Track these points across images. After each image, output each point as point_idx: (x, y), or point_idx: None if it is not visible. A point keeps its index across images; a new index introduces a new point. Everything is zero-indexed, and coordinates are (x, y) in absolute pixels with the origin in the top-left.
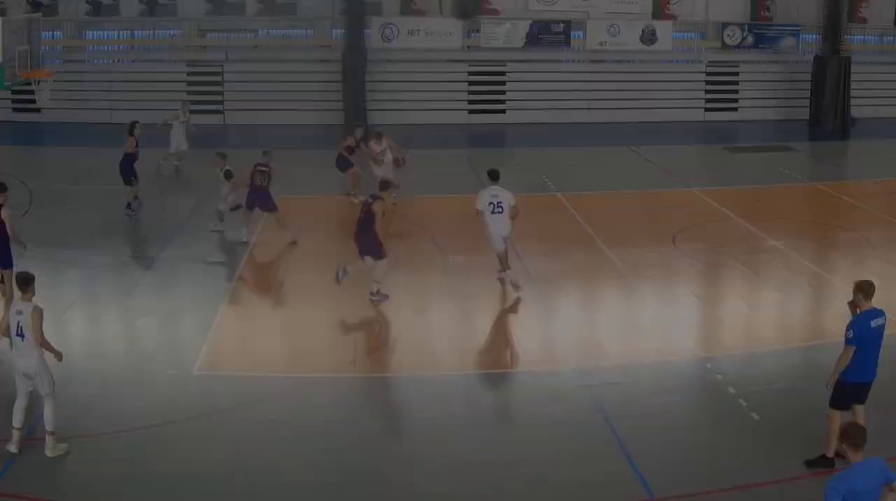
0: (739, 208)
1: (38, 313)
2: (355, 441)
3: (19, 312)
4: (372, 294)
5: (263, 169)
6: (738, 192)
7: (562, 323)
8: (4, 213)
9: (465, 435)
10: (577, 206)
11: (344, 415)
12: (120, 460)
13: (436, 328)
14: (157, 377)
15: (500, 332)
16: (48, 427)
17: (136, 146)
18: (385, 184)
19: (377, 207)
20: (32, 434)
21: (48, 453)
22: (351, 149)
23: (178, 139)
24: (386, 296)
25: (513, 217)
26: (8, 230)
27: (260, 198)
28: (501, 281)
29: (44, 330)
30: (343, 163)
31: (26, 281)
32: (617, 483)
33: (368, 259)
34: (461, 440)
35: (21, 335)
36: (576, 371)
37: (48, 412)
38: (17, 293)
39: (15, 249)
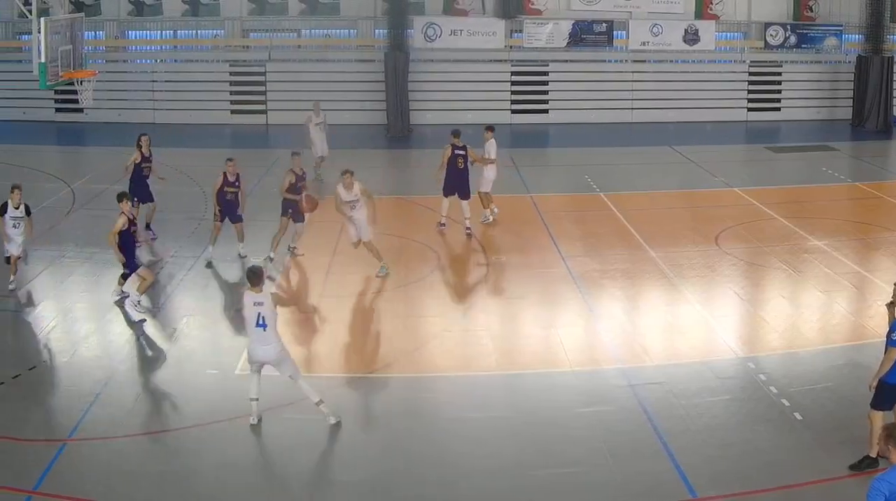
0: (782, 208)
1: (276, 297)
2: (395, 441)
3: (258, 303)
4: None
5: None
6: (781, 192)
7: (605, 322)
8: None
9: (507, 436)
10: (620, 206)
11: (384, 415)
12: (162, 460)
13: (478, 327)
14: (198, 377)
15: (543, 332)
16: (314, 398)
17: (143, 159)
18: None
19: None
20: (74, 435)
21: (331, 420)
22: (294, 187)
23: (318, 143)
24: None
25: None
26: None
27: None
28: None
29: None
30: (291, 209)
31: (258, 276)
32: (659, 482)
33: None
34: (503, 440)
35: (262, 325)
36: (619, 371)
37: (305, 387)
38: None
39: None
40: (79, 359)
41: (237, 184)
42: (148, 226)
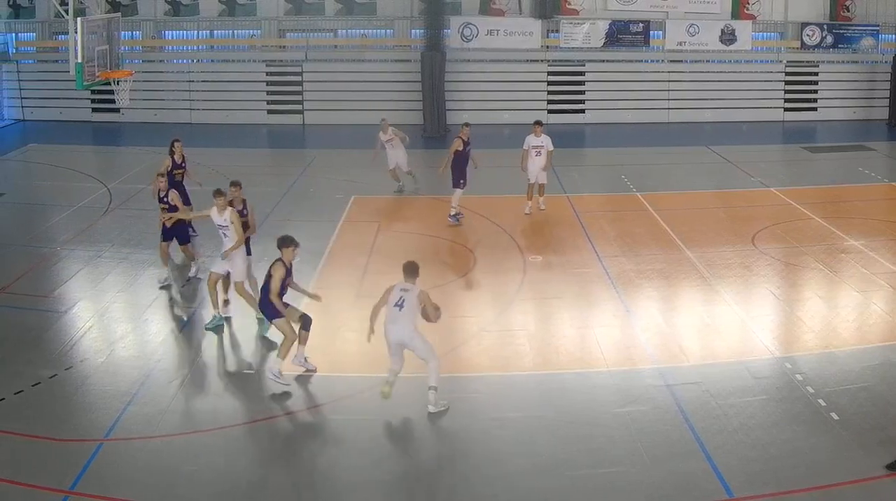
0: (818, 208)
1: (426, 295)
2: (433, 440)
3: (405, 290)
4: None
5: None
6: (817, 192)
7: (641, 322)
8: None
9: (544, 435)
10: (656, 206)
11: (422, 415)
12: (198, 460)
13: (515, 327)
14: (234, 378)
15: (580, 332)
16: (432, 382)
17: (175, 166)
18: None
19: (461, 139)
20: (111, 435)
21: (431, 409)
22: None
23: (395, 156)
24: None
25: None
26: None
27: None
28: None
29: None
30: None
31: (415, 269)
32: (696, 482)
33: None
34: (540, 440)
35: (400, 305)
36: (655, 370)
37: (432, 369)
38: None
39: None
40: (115, 359)
41: (244, 212)
42: (189, 223)
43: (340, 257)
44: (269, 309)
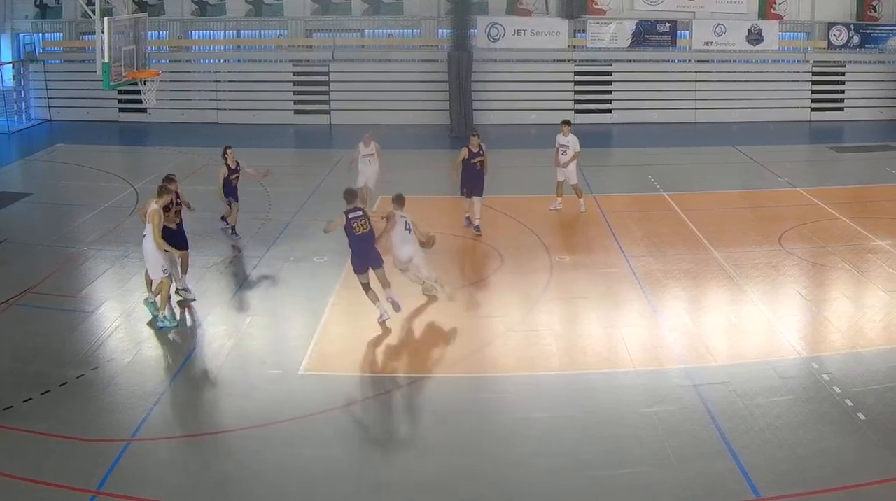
0: (845, 208)
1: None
2: (460, 440)
3: (404, 216)
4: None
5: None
6: (844, 192)
7: (668, 322)
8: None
9: (571, 435)
10: (683, 206)
11: (448, 415)
12: (225, 461)
13: (541, 327)
14: (261, 378)
15: (606, 332)
16: (432, 281)
17: (231, 171)
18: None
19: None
20: (137, 435)
21: (437, 289)
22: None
23: (368, 173)
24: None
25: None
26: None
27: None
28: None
29: None
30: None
31: (404, 200)
32: (723, 482)
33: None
34: (567, 440)
35: (409, 229)
36: (682, 370)
37: (429, 276)
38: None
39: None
40: (142, 359)
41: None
42: (234, 229)
43: None
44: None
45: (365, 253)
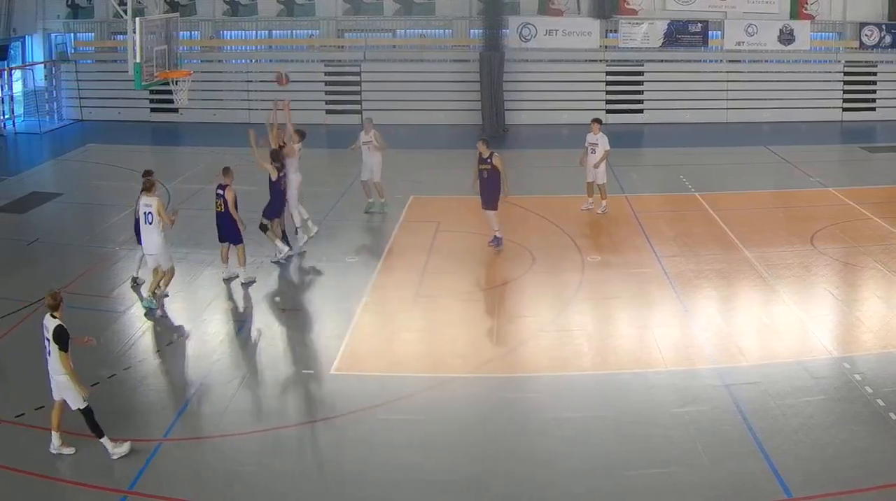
0: (877, 208)
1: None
2: (491, 441)
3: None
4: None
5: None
6: (876, 192)
7: (700, 322)
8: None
9: (602, 435)
10: (715, 206)
11: (480, 415)
12: (256, 461)
13: (573, 327)
14: (293, 377)
15: (638, 332)
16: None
17: (280, 174)
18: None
19: (497, 161)
20: (169, 435)
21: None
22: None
23: (370, 163)
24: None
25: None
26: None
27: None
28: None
29: None
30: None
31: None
32: (754, 482)
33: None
34: (599, 440)
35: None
36: (714, 370)
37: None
38: None
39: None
40: (173, 359)
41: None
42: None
43: (399, 257)
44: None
45: None
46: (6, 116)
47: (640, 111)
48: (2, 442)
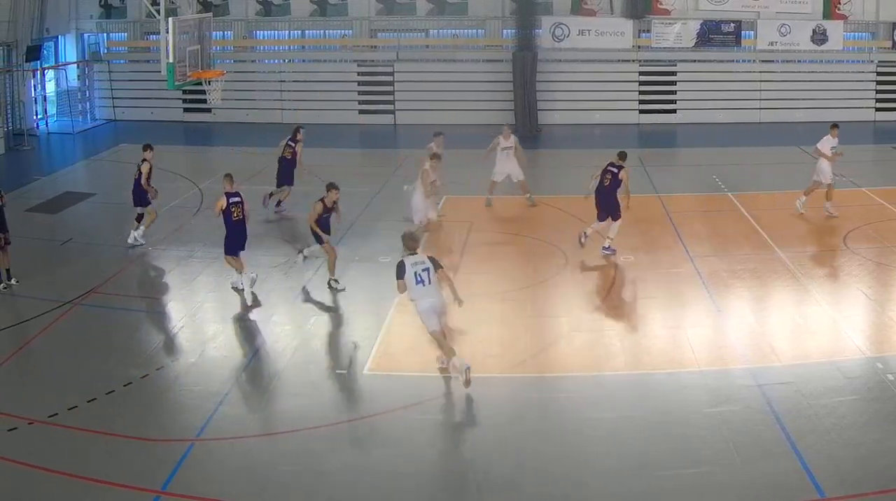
0: None
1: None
2: (525, 440)
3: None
4: (604, 247)
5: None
6: None
7: (732, 322)
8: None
9: (635, 435)
10: (748, 206)
11: (513, 415)
12: (290, 461)
13: (606, 327)
14: (326, 377)
15: (671, 332)
16: None
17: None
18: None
19: (623, 174)
20: (202, 435)
21: None
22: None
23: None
24: (615, 251)
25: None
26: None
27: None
28: None
29: None
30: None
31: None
32: (787, 482)
33: (608, 220)
34: (632, 440)
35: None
36: (746, 370)
37: None
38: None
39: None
40: (206, 359)
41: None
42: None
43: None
44: None
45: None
46: (39, 116)
47: (674, 111)
48: (36, 442)
